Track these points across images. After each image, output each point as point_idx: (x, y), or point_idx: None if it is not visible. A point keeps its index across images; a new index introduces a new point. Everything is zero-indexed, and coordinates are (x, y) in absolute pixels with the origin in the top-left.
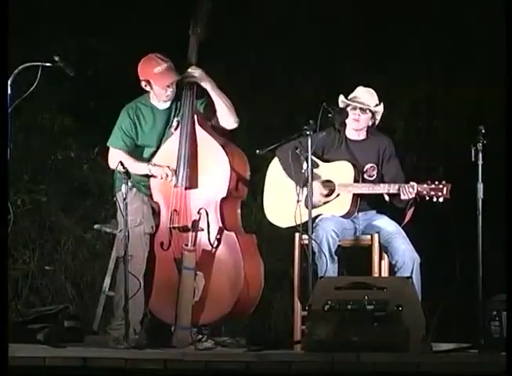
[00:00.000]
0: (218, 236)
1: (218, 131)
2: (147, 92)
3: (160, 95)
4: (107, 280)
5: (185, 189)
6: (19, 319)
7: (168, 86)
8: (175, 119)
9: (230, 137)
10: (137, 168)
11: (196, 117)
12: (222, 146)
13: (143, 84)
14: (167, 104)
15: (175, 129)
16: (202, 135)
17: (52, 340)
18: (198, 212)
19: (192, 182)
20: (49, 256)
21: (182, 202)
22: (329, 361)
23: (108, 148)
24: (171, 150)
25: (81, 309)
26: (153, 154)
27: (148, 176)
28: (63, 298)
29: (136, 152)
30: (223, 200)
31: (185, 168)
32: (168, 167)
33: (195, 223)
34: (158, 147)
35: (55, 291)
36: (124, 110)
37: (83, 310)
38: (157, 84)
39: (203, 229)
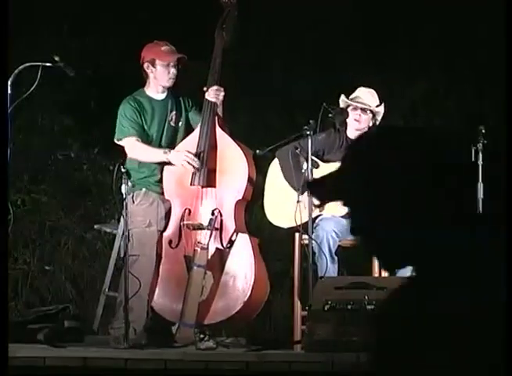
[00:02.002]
0: (231, 238)
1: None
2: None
3: (162, 76)
4: (107, 280)
5: (202, 187)
6: (19, 319)
7: (172, 66)
8: (173, 112)
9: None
10: (153, 155)
11: (216, 117)
12: (241, 147)
13: (146, 66)
14: (163, 95)
15: (175, 123)
16: (222, 135)
17: (52, 340)
18: (212, 213)
19: (210, 182)
20: (49, 256)
21: (197, 201)
22: (329, 361)
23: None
24: (189, 148)
25: (81, 309)
26: (157, 146)
27: (163, 164)
28: (63, 298)
29: (145, 142)
30: (238, 201)
31: (203, 166)
32: (190, 152)
33: (211, 221)
34: (160, 139)
35: (55, 291)
36: (122, 103)
37: (83, 310)
38: (163, 59)
39: (217, 229)
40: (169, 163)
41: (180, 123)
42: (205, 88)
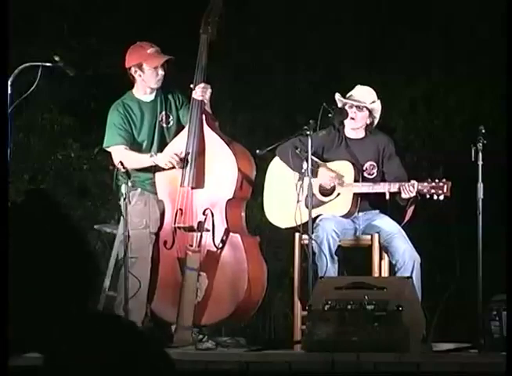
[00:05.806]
0: (223, 238)
1: (222, 131)
2: (130, 89)
3: (150, 79)
4: (107, 280)
5: (192, 188)
6: None
7: (160, 67)
8: (163, 113)
9: (232, 137)
10: (140, 161)
11: (204, 116)
12: (229, 145)
13: (133, 70)
14: (152, 96)
15: (165, 123)
16: (210, 134)
17: None
18: (204, 213)
19: (198, 182)
20: None
21: (188, 202)
22: (329, 361)
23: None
24: (176, 148)
25: None
26: (149, 149)
27: (153, 171)
28: None
29: (134, 148)
30: (229, 200)
31: (192, 167)
32: (176, 154)
33: (201, 224)
34: (152, 142)
35: None
36: (111, 109)
37: None
38: (150, 63)
39: (208, 230)
40: (157, 166)
41: (171, 123)
42: (192, 86)
